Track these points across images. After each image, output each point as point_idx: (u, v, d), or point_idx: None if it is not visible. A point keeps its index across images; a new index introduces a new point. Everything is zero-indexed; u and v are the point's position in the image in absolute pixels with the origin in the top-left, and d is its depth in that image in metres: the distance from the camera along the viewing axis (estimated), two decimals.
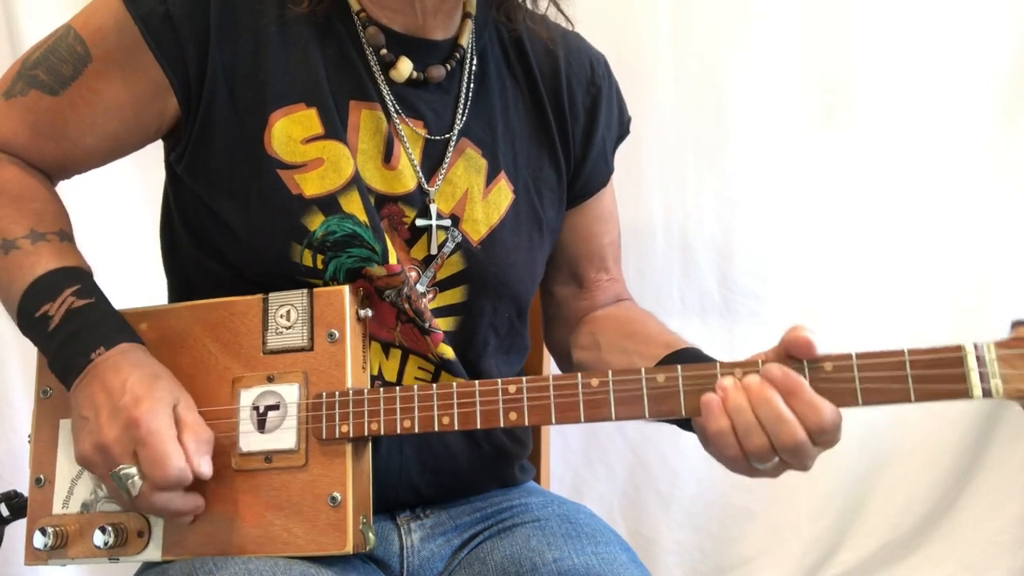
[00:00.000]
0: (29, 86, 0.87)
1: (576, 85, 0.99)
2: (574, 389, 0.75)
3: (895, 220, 1.45)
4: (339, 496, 0.78)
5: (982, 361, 0.67)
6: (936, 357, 0.68)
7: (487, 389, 0.77)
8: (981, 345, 0.68)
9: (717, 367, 0.73)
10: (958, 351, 0.68)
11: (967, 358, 0.68)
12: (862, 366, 0.70)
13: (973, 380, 0.67)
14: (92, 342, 0.79)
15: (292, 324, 0.82)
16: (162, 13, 0.83)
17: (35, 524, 0.84)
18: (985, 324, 1.44)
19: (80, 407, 0.78)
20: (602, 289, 1.08)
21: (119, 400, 0.75)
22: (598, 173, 1.03)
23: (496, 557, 0.90)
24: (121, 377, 0.77)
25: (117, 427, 0.75)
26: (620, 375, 0.74)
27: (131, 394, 0.75)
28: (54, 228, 0.86)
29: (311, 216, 0.84)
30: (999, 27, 1.40)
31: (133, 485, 0.74)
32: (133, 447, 0.75)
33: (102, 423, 0.75)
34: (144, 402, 0.75)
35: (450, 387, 0.78)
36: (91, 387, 0.77)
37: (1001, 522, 1.46)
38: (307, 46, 0.87)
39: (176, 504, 0.77)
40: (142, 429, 0.74)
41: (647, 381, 0.74)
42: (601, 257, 1.07)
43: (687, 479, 1.52)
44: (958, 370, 0.68)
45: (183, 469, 0.75)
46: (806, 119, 1.46)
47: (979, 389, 0.67)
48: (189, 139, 0.86)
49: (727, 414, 0.71)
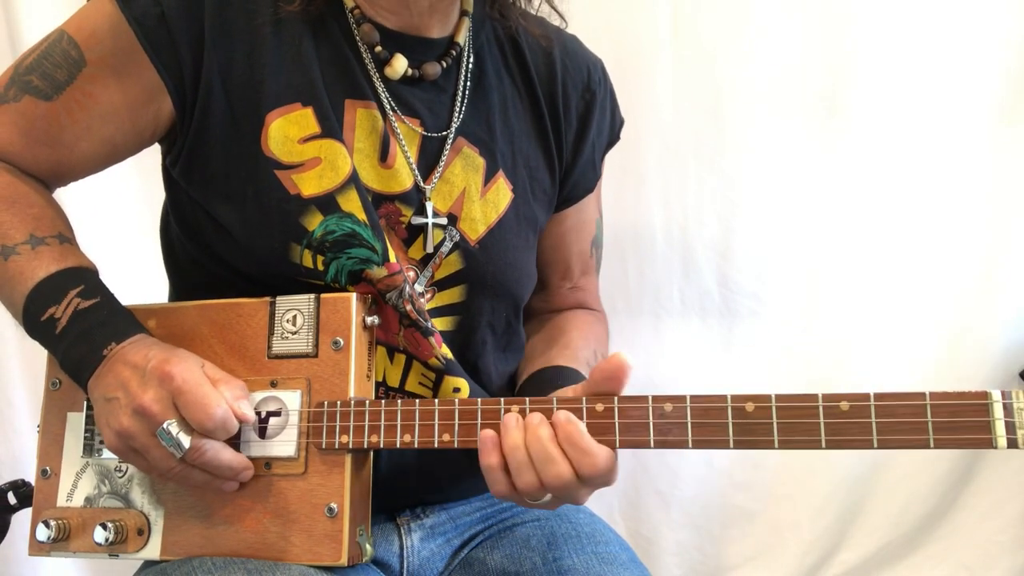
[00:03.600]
0: (23, 92, 0.86)
1: (571, 89, 0.99)
2: (579, 414, 0.74)
3: (895, 220, 1.45)
4: (336, 507, 0.78)
5: (1009, 410, 0.64)
6: (959, 403, 0.65)
7: (489, 408, 0.76)
8: (1009, 393, 0.64)
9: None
10: (984, 398, 0.64)
11: (993, 407, 0.64)
12: (880, 408, 0.67)
13: (999, 430, 0.64)
14: (103, 339, 0.79)
15: (298, 329, 0.82)
16: (157, 14, 0.82)
17: (39, 515, 0.85)
18: (985, 324, 1.44)
19: (105, 391, 0.77)
20: (562, 296, 1.09)
21: (146, 366, 0.76)
22: (585, 179, 1.03)
23: (496, 557, 0.90)
24: (142, 353, 0.77)
25: (151, 387, 0.75)
26: (625, 402, 0.73)
27: (157, 358, 0.76)
28: (53, 232, 0.85)
29: (310, 216, 0.84)
30: (999, 27, 1.40)
31: (183, 437, 0.74)
32: (171, 399, 0.75)
33: (134, 391, 0.75)
34: (172, 359, 0.76)
35: (452, 404, 0.77)
36: (113, 370, 0.77)
37: (1001, 522, 1.46)
38: (301, 45, 0.86)
39: (226, 456, 0.77)
40: (176, 379, 0.74)
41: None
42: (567, 267, 1.08)
43: (687, 479, 1.52)
44: (983, 419, 0.64)
45: (226, 410, 0.75)
46: (806, 119, 1.46)
47: (1005, 440, 0.64)
48: (184, 141, 0.85)
49: (500, 450, 0.73)
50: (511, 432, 0.73)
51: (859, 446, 0.67)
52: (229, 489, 0.80)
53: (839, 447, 0.67)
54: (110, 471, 0.85)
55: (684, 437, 0.71)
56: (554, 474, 0.71)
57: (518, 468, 0.72)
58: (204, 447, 0.75)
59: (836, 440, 0.67)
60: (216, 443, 0.76)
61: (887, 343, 1.46)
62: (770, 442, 0.69)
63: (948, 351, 1.45)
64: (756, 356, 1.49)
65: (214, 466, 0.77)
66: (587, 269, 1.11)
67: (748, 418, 0.70)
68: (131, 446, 0.77)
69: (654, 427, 0.72)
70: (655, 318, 1.52)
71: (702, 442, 0.71)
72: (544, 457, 0.71)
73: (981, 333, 1.44)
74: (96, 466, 0.85)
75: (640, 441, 0.72)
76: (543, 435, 0.72)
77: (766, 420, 0.69)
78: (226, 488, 0.79)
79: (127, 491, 0.84)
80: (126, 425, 0.76)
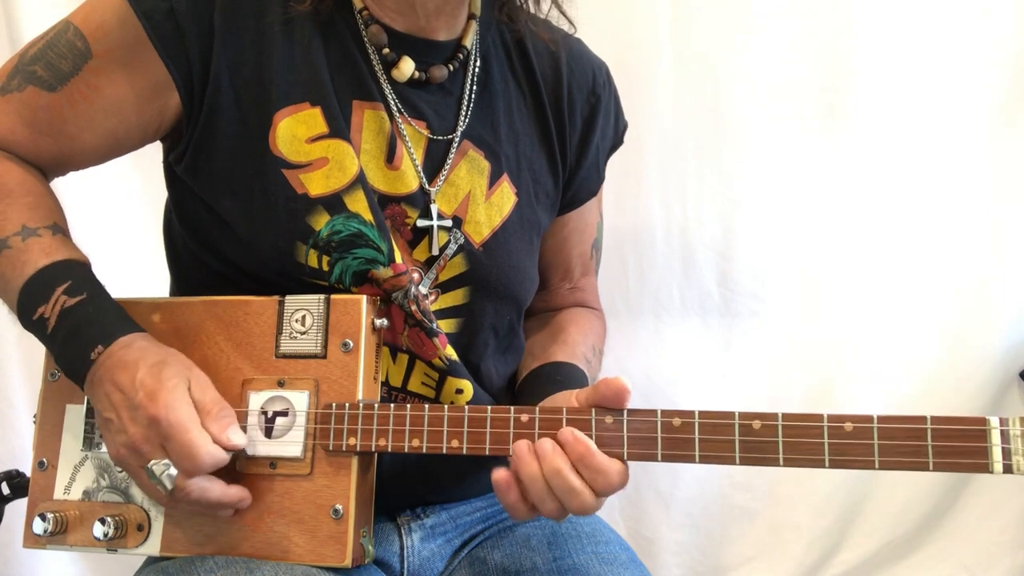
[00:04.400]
0: (26, 82, 0.85)
1: (577, 93, 0.99)
2: (588, 426, 0.75)
3: (895, 220, 1.45)
4: (341, 509, 0.78)
5: (1006, 436, 0.66)
6: (958, 428, 0.67)
7: (498, 416, 0.76)
8: (1007, 420, 0.67)
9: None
10: (982, 424, 0.67)
11: (991, 433, 0.67)
12: (882, 430, 0.69)
13: (995, 456, 0.66)
14: (90, 341, 0.78)
15: (307, 330, 0.82)
16: (166, 10, 0.82)
17: (35, 508, 0.84)
18: (985, 323, 1.44)
19: (101, 408, 0.78)
20: (561, 296, 1.10)
21: (134, 398, 0.75)
22: (589, 183, 1.04)
23: (496, 557, 0.90)
24: (129, 374, 0.76)
25: (141, 426, 0.75)
26: (634, 415, 0.74)
27: (144, 390, 0.75)
28: (46, 222, 0.85)
29: (316, 215, 0.84)
30: (999, 27, 1.40)
31: (168, 478, 0.74)
32: (160, 442, 0.75)
33: (125, 424, 0.75)
34: (159, 395, 0.75)
35: (461, 411, 0.77)
36: (104, 387, 0.77)
37: (1001, 522, 1.46)
38: (310, 45, 0.86)
39: (214, 494, 0.76)
40: (163, 424, 0.74)
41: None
42: (567, 268, 1.09)
43: (687, 479, 1.52)
44: (981, 444, 0.67)
45: (212, 453, 0.75)
46: (806, 119, 1.46)
47: (1000, 465, 0.66)
48: (191, 138, 0.85)
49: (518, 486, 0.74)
50: (526, 462, 0.73)
51: (861, 466, 0.69)
52: (224, 516, 0.79)
53: (842, 467, 0.70)
54: (110, 465, 0.84)
55: (692, 452, 0.72)
56: (578, 504, 0.73)
57: (540, 498, 0.74)
58: (189, 488, 0.75)
59: (839, 460, 0.70)
60: (203, 482, 0.76)
61: (887, 343, 1.46)
62: (775, 460, 0.71)
63: (948, 351, 1.45)
64: (756, 356, 1.49)
65: (203, 504, 0.77)
66: (587, 270, 1.11)
67: (754, 435, 0.71)
68: (127, 468, 0.78)
69: (662, 441, 0.73)
70: (655, 318, 1.52)
71: (709, 457, 0.72)
72: (566, 489, 0.72)
73: (981, 334, 1.44)
74: (95, 459, 0.85)
75: (648, 455, 0.73)
76: (561, 467, 0.72)
77: (771, 438, 0.71)
78: (222, 515, 0.79)
79: (127, 486, 0.84)
80: (121, 453, 0.77)
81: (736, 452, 0.71)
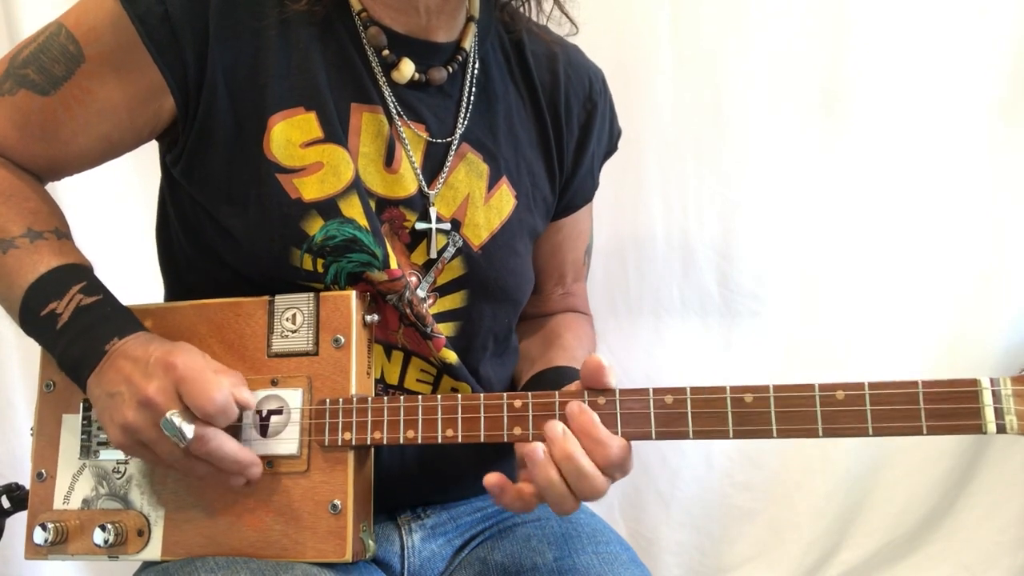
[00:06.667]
0: (18, 85, 0.84)
1: (574, 99, 0.99)
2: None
3: (895, 220, 1.45)
4: (340, 504, 0.78)
5: (997, 396, 0.67)
6: (950, 391, 0.68)
7: (492, 403, 0.77)
8: (997, 380, 0.67)
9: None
10: (973, 385, 0.68)
11: (982, 393, 0.67)
12: (874, 397, 0.70)
13: (988, 415, 0.67)
14: (106, 334, 0.79)
15: (298, 328, 0.82)
16: (160, 13, 0.81)
17: (36, 519, 0.85)
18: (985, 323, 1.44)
19: (107, 387, 0.77)
20: (554, 302, 1.10)
21: (148, 359, 0.76)
22: (584, 189, 1.04)
23: (496, 557, 0.90)
24: (144, 347, 0.78)
25: (155, 378, 0.75)
26: (626, 395, 0.75)
27: (160, 350, 0.76)
28: (50, 226, 0.85)
29: (310, 220, 0.83)
30: (999, 26, 1.40)
31: (186, 427, 0.74)
32: (175, 388, 0.75)
33: (137, 383, 0.75)
34: (175, 350, 0.76)
35: (455, 399, 0.78)
36: (115, 365, 0.77)
37: (1001, 522, 1.46)
38: (308, 48, 0.86)
39: (230, 447, 0.76)
40: (179, 367, 0.75)
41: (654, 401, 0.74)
42: (561, 274, 1.09)
43: (687, 479, 1.52)
44: (973, 405, 0.68)
45: (227, 395, 0.75)
46: (806, 119, 1.46)
47: (993, 425, 0.67)
48: (186, 142, 0.85)
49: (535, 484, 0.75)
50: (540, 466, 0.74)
51: (855, 433, 0.70)
52: (236, 484, 0.79)
53: (836, 435, 0.70)
54: (108, 472, 0.85)
55: (685, 428, 0.73)
56: (590, 488, 0.73)
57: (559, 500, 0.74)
58: (207, 436, 0.75)
59: (833, 428, 0.70)
60: (221, 433, 0.76)
61: (887, 343, 1.46)
62: (768, 431, 0.71)
63: (948, 352, 1.45)
64: (756, 356, 1.49)
65: (219, 457, 0.76)
66: (579, 276, 1.12)
67: (747, 408, 0.72)
68: (137, 439, 0.77)
69: (655, 418, 0.73)
70: (655, 318, 1.52)
71: (703, 432, 0.73)
72: (576, 473, 0.73)
73: (981, 334, 1.44)
74: (93, 467, 0.85)
75: (642, 432, 0.74)
76: (571, 450, 0.73)
77: (764, 410, 0.71)
78: (233, 483, 0.79)
79: (126, 492, 0.84)
80: (131, 419, 0.76)
81: (729, 426, 0.72)
